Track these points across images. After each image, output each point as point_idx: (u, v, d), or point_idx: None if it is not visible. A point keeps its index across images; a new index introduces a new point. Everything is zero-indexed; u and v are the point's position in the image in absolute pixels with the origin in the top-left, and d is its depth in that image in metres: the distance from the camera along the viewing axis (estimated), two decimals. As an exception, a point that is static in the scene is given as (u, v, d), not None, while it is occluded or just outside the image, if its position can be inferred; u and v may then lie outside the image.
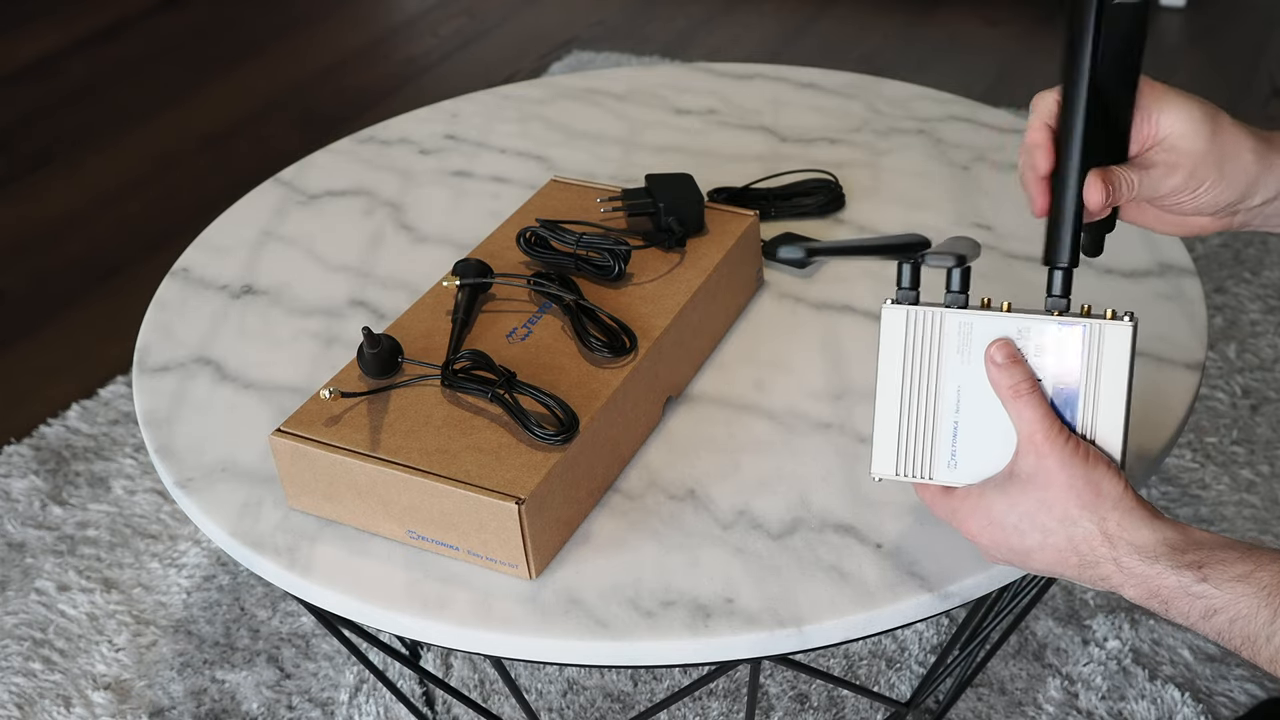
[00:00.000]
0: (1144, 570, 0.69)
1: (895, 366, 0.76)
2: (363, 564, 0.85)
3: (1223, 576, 0.66)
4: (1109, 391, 0.72)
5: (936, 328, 0.75)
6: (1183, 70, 2.56)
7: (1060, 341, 0.73)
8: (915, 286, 0.76)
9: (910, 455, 0.77)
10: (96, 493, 1.64)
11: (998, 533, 0.74)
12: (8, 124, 2.72)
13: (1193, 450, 1.57)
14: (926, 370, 0.76)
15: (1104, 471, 0.71)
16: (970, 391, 0.75)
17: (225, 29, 3.12)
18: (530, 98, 1.45)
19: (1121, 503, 0.70)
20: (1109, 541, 0.70)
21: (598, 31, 2.92)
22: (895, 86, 1.41)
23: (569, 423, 0.83)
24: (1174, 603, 0.68)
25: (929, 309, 0.75)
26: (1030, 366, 0.73)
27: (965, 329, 0.75)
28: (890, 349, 0.77)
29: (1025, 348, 0.73)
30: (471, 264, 0.98)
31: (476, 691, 1.35)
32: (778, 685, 1.32)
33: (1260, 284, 1.85)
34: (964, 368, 0.75)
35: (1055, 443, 0.71)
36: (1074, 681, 1.30)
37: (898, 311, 0.76)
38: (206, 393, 1.02)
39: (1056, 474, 0.71)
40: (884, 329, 0.77)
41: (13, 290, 2.16)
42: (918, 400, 0.76)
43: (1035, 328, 0.73)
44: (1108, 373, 0.72)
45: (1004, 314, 0.74)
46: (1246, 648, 0.66)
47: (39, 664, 1.41)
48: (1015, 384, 0.73)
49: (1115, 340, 0.72)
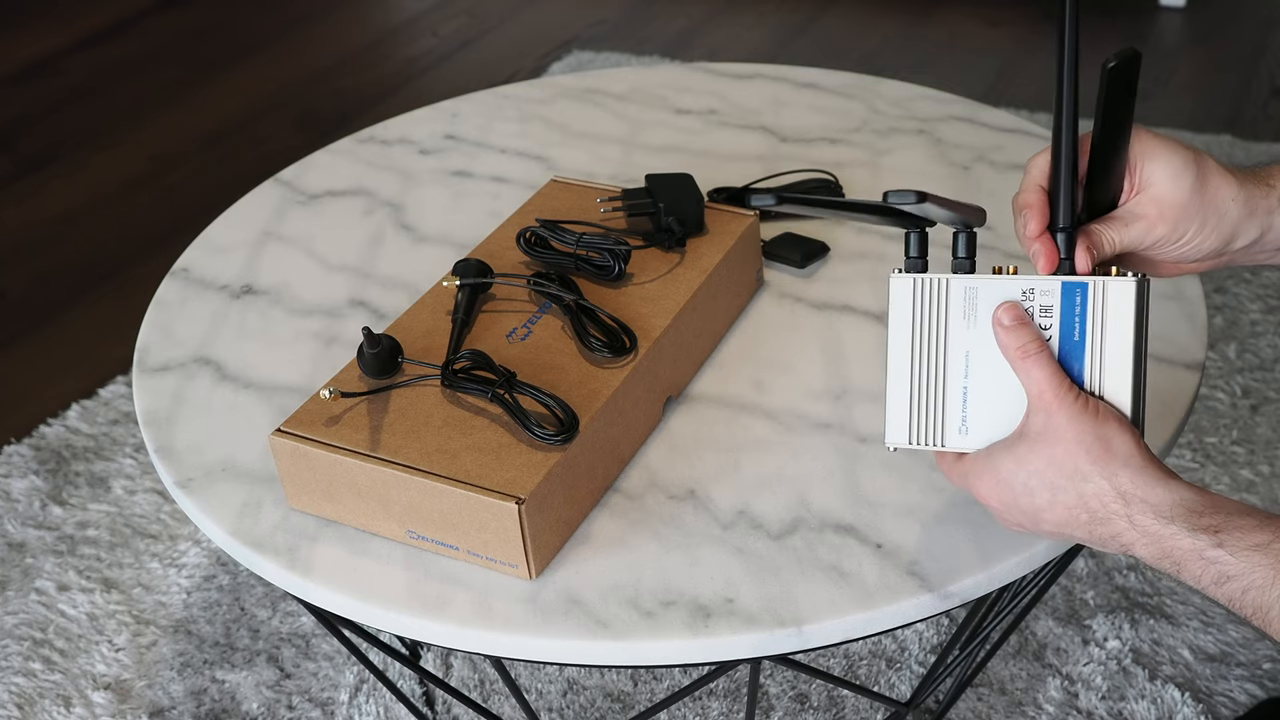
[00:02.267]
0: (1158, 530, 0.68)
1: (904, 335, 0.77)
2: (363, 564, 0.85)
3: (1239, 544, 0.66)
4: (1115, 349, 0.73)
5: (942, 294, 0.76)
6: (1183, 70, 2.56)
7: (1066, 300, 0.73)
8: (923, 255, 0.77)
9: (922, 423, 0.77)
10: (96, 493, 1.64)
11: (1007, 493, 0.73)
12: (8, 124, 2.72)
13: (1193, 450, 1.57)
14: (934, 337, 0.76)
15: (1115, 428, 0.71)
16: (978, 356, 0.76)
17: (225, 29, 3.12)
18: (530, 98, 1.45)
19: (1133, 460, 0.70)
20: (1122, 499, 0.69)
21: (598, 31, 2.92)
22: (895, 86, 1.41)
23: (569, 423, 0.83)
24: (1186, 566, 0.67)
25: (934, 276, 0.76)
26: (1036, 328, 0.74)
27: (971, 294, 0.75)
28: (899, 318, 0.77)
29: (1031, 309, 0.74)
30: (471, 264, 0.98)
31: (476, 691, 1.35)
32: (778, 685, 1.32)
33: (1260, 284, 1.85)
34: (970, 332, 0.76)
35: (1064, 400, 0.71)
36: (1074, 681, 1.30)
37: (904, 280, 0.77)
38: (206, 393, 1.02)
39: (1065, 430, 0.71)
40: (892, 298, 0.77)
41: (13, 290, 2.16)
42: (927, 367, 0.77)
43: (1040, 287, 0.74)
44: (1113, 330, 0.73)
45: (1009, 277, 0.75)
46: (1258, 617, 0.66)
47: (39, 664, 1.41)
48: (1023, 344, 0.73)
49: (1119, 296, 0.72)
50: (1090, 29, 2.85)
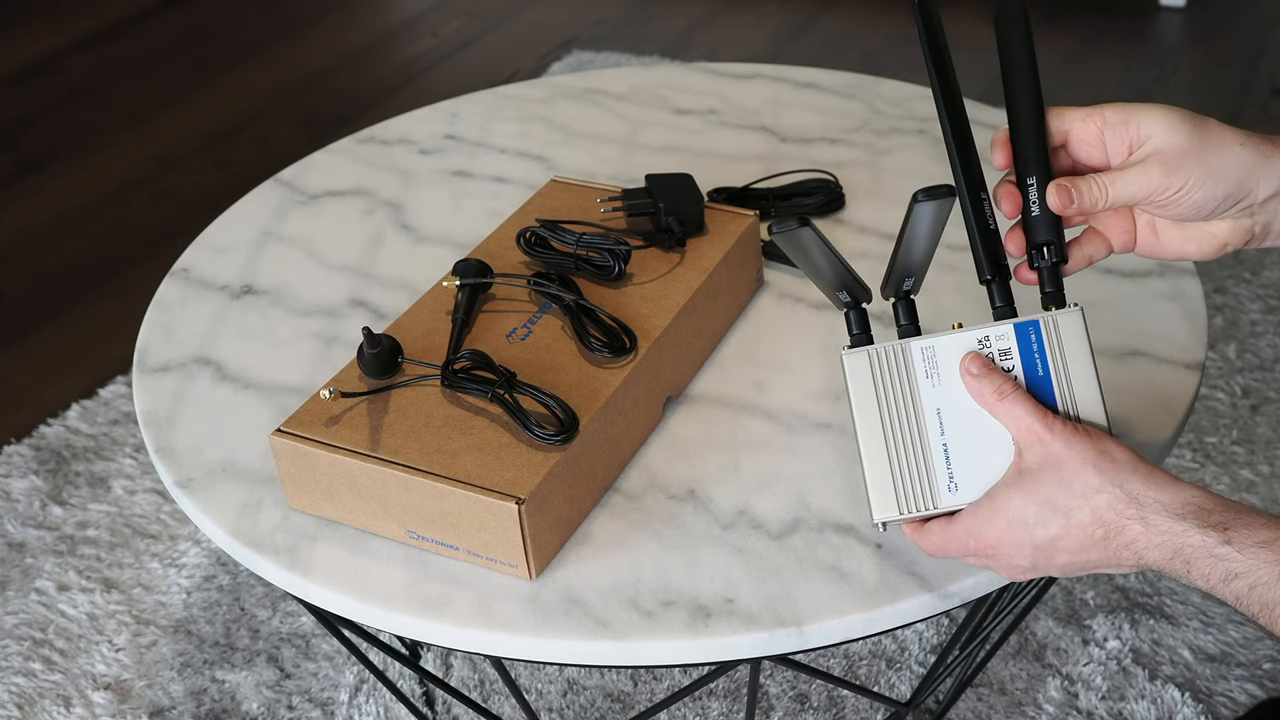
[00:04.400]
0: (1170, 527, 0.68)
1: (870, 407, 0.77)
2: (363, 564, 0.85)
3: (1246, 541, 0.66)
4: (1079, 373, 0.75)
5: (901, 359, 0.77)
6: (1183, 70, 2.56)
7: (1021, 340, 0.76)
8: (867, 330, 0.79)
9: (910, 491, 0.76)
10: (96, 493, 1.64)
11: (1020, 530, 0.72)
12: (8, 124, 2.72)
13: (1193, 450, 1.57)
14: (902, 403, 0.77)
15: (1110, 442, 0.72)
16: (950, 412, 0.76)
17: (225, 29, 3.12)
18: (530, 98, 1.45)
19: (1139, 466, 0.71)
20: (1135, 503, 0.69)
21: (598, 31, 2.92)
22: (895, 86, 1.41)
23: (569, 423, 0.83)
24: (1196, 563, 0.67)
25: (889, 344, 0.77)
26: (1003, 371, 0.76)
27: (929, 353, 0.77)
28: (862, 392, 0.77)
29: (991, 355, 0.76)
30: (471, 264, 0.98)
31: (476, 691, 1.35)
32: (778, 685, 1.32)
33: (1260, 284, 1.85)
34: (937, 390, 0.76)
35: (1054, 427, 0.72)
36: (1074, 681, 1.30)
37: (859, 355, 0.78)
38: (206, 393, 1.02)
39: (1065, 453, 0.71)
40: (850, 375, 0.77)
41: (13, 290, 2.16)
42: (902, 434, 0.77)
43: (993, 333, 0.76)
44: (1073, 356, 0.76)
45: (960, 331, 0.77)
46: (1264, 614, 0.66)
47: (39, 664, 1.41)
48: (998, 387, 0.74)
49: (1070, 326, 0.76)
50: (1090, 29, 2.85)
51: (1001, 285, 0.78)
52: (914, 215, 0.71)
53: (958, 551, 0.76)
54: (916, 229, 0.72)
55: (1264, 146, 0.74)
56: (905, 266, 0.76)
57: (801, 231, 0.72)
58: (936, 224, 0.73)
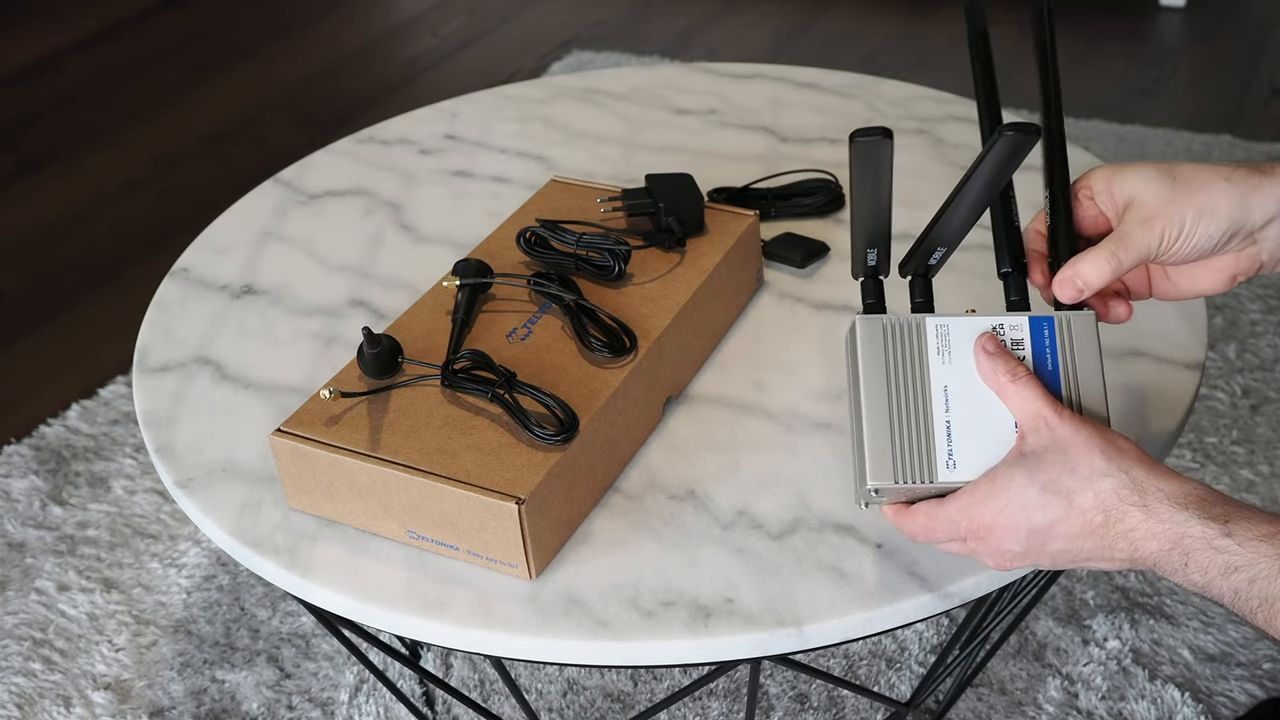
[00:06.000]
0: (1172, 515, 0.68)
1: (879, 374, 0.77)
2: (363, 564, 0.85)
3: (1247, 534, 0.67)
4: (1086, 372, 0.77)
5: (915, 333, 0.78)
6: (1183, 70, 2.56)
7: (1035, 333, 0.78)
8: (882, 299, 0.80)
9: (909, 461, 0.76)
10: (96, 493, 1.64)
11: (1018, 512, 0.71)
12: (8, 124, 2.72)
13: (1193, 450, 1.57)
14: (911, 374, 0.77)
15: (1116, 435, 0.73)
16: (956, 391, 0.77)
17: (225, 29, 3.12)
18: (530, 98, 1.45)
19: (1144, 458, 0.71)
20: (1139, 490, 0.70)
21: (598, 31, 2.92)
22: (895, 86, 1.41)
23: (569, 423, 0.83)
24: (1195, 555, 0.68)
25: (905, 316, 0.78)
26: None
27: (943, 331, 0.78)
28: (871, 358, 0.77)
29: (1004, 341, 0.77)
30: (471, 264, 0.98)
31: (476, 691, 1.35)
32: (778, 685, 1.32)
33: (1260, 284, 1.85)
34: (945, 367, 0.77)
35: (1063, 414, 0.73)
36: (1074, 681, 1.30)
37: (873, 321, 0.78)
38: (206, 393, 1.02)
39: (1073, 438, 0.72)
40: (861, 340, 0.78)
41: (13, 290, 2.16)
42: (908, 405, 0.76)
43: (1009, 323, 0.78)
44: (1082, 356, 0.77)
45: (973, 316, 0.78)
46: (1263, 610, 0.66)
47: (39, 664, 1.41)
48: (1011, 369, 0.75)
49: (1083, 327, 0.78)
50: (1091, 29, 2.85)
51: (1018, 280, 0.80)
52: (996, 149, 0.70)
53: (945, 535, 0.75)
54: (983, 170, 0.71)
55: (1252, 177, 0.77)
56: (951, 227, 0.76)
57: (885, 143, 0.71)
58: (1008, 167, 0.72)
